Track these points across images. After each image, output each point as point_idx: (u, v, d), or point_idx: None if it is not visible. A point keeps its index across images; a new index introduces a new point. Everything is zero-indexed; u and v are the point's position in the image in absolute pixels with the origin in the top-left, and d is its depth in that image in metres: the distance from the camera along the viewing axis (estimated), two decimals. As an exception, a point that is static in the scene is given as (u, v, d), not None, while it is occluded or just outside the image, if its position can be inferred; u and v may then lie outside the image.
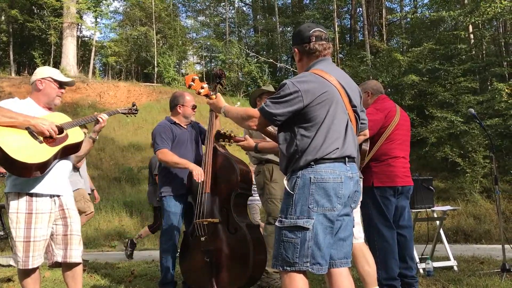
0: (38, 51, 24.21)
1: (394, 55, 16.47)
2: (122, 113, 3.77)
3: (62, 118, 3.31)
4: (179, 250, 4.32)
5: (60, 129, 3.18)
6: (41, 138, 3.08)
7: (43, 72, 3.38)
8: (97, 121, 3.56)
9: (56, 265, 3.30)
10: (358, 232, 3.42)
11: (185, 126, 4.47)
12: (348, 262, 2.55)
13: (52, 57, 24.22)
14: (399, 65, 16.18)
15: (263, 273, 4.11)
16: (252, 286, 4.11)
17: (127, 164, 14.75)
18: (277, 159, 4.48)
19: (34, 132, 3.05)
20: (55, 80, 3.34)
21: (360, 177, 2.64)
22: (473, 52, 16.01)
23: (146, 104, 18.54)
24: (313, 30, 2.63)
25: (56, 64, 22.37)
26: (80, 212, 5.62)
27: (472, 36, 16.18)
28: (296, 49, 2.70)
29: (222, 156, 4.18)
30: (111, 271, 5.59)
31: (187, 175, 4.23)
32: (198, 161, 4.29)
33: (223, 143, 3.88)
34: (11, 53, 25.21)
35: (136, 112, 3.88)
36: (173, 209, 4.25)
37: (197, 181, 4.01)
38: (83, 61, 26.70)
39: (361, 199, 3.09)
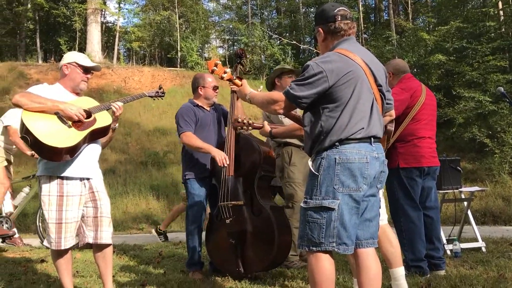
0: (64, 38, 24.53)
1: (420, 34, 16.09)
2: (149, 96, 3.78)
3: (90, 103, 3.37)
4: (204, 232, 4.37)
5: (88, 113, 3.24)
6: (70, 123, 3.15)
7: (69, 57, 3.43)
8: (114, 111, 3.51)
9: (87, 246, 3.39)
10: (381, 214, 3.40)
11: (208, 109, 4.47)
12: (374, 243, 2.55)
13: (77, 43, 24.53)
14: (425, 45, 15.82)
15: (288, 255, 4.14)
16: (277, 267, 4.15)
17: (152, 148, 14.91)
18: (296, 142, 4.48)
19: (62, 117, 3.12)
20: (80, 65, 3.39)
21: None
22: (503, 30, 15.53)
23: (170, 89, 18.63)
24: (338, 9, 2.59)
25: (81, 51, 22.60)
26: None
27: (501, 13, 15.67)
28: (320, 29, 2.66)
29: (244, 139, 4.18)
30: (139, 253, 5.71)
31: (210, 158, 4.25)
32: (221, 142, 4.30)
33: (241, 130, 3.90)
34: (37, 40, 25.63)
35: (163, 95, 3.88)
36: (197, 191, 4.29)
37: (220, 166, 4.04)
38: (107, 47, 26.98)
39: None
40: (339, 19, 2.58)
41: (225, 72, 3.31)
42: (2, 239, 6.00)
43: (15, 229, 6.30)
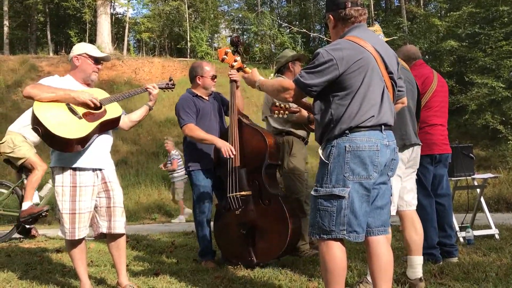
0: (74, 30, 24.69)
1: (432, 20, 15.93)
2: (160, 88, 3.79)
3: (100, 94, 3.40)
4: (212, 222, 4.36)
5: (99, 105, 3.26)
6: (80, 114, 3.17)
7: (79, 48, 3.45)
8: (146, 89, 3.66)
9: (101, 236, 3.43)
10: (412, 199, 3.40)
11: (207, 98, 4.42)
12: (386, 230, 2.55)
13: (87, 35, 24.65)
14: (437, 31, 15.67)
15: (298, 242, 4.15)
16: (289, 254, 4.16)
17: (164, 139, 14.99)
18: (297, 132, 4.46)
19: (73, 108, 3.15)
20: (90, 56, 3.41)
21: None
22: (516, 14, 15.29)
23: (180, 80, 18.59)
24: None
25: (92, 42, 22.64)
26: None
27: (515, -4, 15.41)
28: (330, 16, 2.63)
29: (248, 128, 4.15)
30: (152, 242, 5.77)
31: (213, 148, 4.22)
32: (223, 132, 4.28)
33: (245, 119, 3.88)
34: (48, 33, 25.80)
35: (173, 86, 3.91)
36: (202, 182, 4.28)
37: (226, 157, 4.01)
38: (117, 38, 27.05)
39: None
40: (350, 5, 2.55)
41: (235, 61, 3.30)
42: (35, 219, 6.09)
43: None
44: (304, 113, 3.89)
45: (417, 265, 3.20)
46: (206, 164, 4.30)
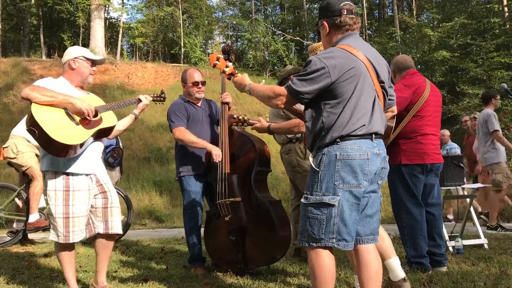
0: (67, 34, 24.59)
1: (424, 30, 16.07)
2: (152, 99, 3.92)
3: (96, 101, 3.41)
4: (202, 228, 4.35)
5: (95, 112, 3.27)
6: (78, 120, 3.18)
7: (76, 51, 3.46)
8: (140, 100, 3.76)
9: (92, 238, 3.42)
10: None
11: (199, 104, 4.44)
12: (375, 239, 2.55)
13: (80, 39, 24.55)
14: (429, 41, 15.79)
15: (287, 249, 4.15)
16: (278, 261, 4.16)
17: (156, 144, 14.94)
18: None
19: (71, 113, 3.15)
20: (88, 59, 3.43)
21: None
22: (507, 26, 15.47)
23: (173, 85, 18.63)
24: (344, 3, 2.57)
25: (85, 46, 22.40)
26: None
27: (506, 9, 15.61)
28: (325, 22, 2.63)
29: (238, 135, 4.18)
30: (142, 248, 5.73)
31: (205, 154, 4.23)
32: (214, 139, 4.29)
33: (236, 127, 3.90)
34: (41, 36, 25.68)
35: (164, 99, 4.03)
36: (193, 188, 4.27)
37: (215, 161, 4.02)
38: (111, 43, 26.99)
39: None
40: (345, 13, 2.56)
41: (227, 66, 3.29)
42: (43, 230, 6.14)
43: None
44: (264, 123, 3.90)
45: (395, 266, 3.15)
46: (197, 169, 4.30)
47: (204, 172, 4.30)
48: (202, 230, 4.33)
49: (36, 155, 5.93)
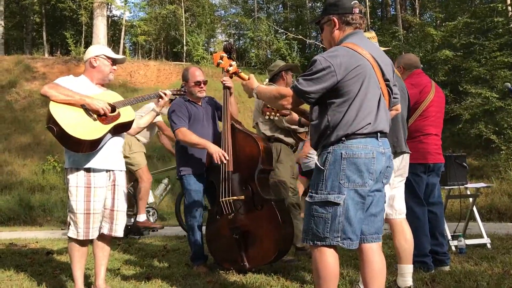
0: (70, 32, 24.56)
1: (427, 29, 16.00)
2: (172, 94, 3.99)
3: (114, 97, 3.46)
4: (204, 227, 4.34)
5: (113, 108, 3.33)
6: (95, 116, 3.24)
7: (97, 50, 3.52)
8: (161, 97, 3.82)
9: (99, 236, 3.44)
10: (402, 207, 3.40)
11: (200, 103, 4.43)
12: (379, 238, 2.55)
13: (83, 37, 24.56)
14: (432, 40, 15.74)
15: (290, 247, 4.16)
16: (281, 259, 4.16)
17: (159, 142, 14.94)
18: (286, 139, 4.51)
19: (88, 110, 3.21)
20: (108, 57, 3.48)
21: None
22: (511, 25, 15.41)
23: (176, 83, 18.61)
24: (354, 1, 2.57)
25: (88, 44, 22.65)
26: None
27: (510, 8, 15.54)
28: (334, 18, 2.59)
29: (241, 133, 4.15)
30: (144, 246, 5.74)
31: (206, 153, 4.21)
32: (216, 138, 4.28)
33: (238, 126, 3.90)
34: (44, 34, 25.71)
35: (185, 93, 4.17)
36: (193, 187, 4.27)
37: (218, 163, 4.01)
38: (113, 41, 26.98)
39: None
40: (357, 11, 2.57)
41: (230, 65, 3.29)
42: (148, 231, 6.38)
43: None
44: (295, 116, 3.92)
45: (407, 274, 3.20)
46: (197, 169, 4.30)
47: (204, 171, 4.30)
48: (204, 228, 4.34)
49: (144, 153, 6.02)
